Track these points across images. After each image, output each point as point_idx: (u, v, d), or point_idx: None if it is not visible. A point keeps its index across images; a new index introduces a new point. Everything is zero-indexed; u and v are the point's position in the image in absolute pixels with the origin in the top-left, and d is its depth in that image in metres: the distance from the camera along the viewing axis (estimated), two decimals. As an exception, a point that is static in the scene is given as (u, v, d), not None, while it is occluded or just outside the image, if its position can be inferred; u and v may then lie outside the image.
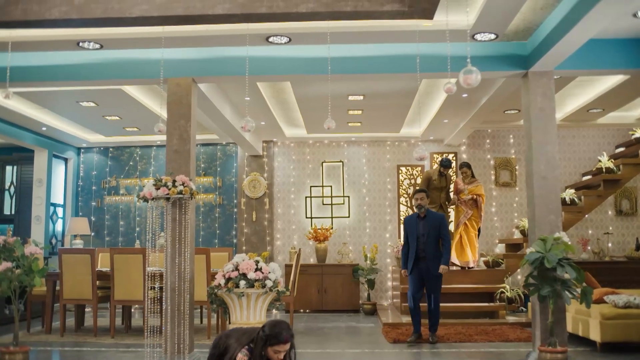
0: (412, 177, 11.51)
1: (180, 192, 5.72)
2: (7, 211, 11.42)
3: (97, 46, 6.30)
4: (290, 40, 6.12)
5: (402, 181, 11.51)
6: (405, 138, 11.45)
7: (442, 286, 9.12)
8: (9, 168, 11.51)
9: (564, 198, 9.93)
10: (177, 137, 6.46)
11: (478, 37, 5.94)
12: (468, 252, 9.45)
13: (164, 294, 6.03)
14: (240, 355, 3.39)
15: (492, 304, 9.08)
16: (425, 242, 7.31)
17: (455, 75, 4.65)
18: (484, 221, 10.61)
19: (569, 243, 5.74)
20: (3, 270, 5.76)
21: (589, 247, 10.58)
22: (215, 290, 5.47)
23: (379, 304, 11.01)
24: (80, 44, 6.22)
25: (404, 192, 11.45)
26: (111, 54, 6.61)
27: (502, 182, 11.28)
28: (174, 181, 5.76)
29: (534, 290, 5.77)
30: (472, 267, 9.48)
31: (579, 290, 5.78)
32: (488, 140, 11.41)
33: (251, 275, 5.33)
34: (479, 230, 9.69)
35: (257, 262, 5.47)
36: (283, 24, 5.76)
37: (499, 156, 11.37)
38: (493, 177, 11.33)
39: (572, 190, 10.24)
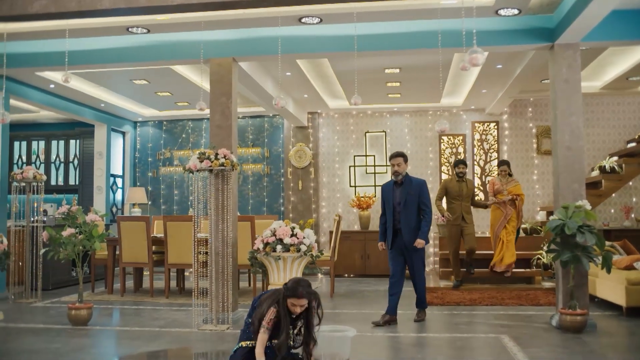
0: (453, 146, 11.69)
1: (222, 165, 6.23)
2: (72, 182, 12.32)
3: (145, 31, 6.84)
4: (321, 20, 6.46)
5: (444, 150, 11.71)
6: (446, 108, 11.59)
7: (480, 252, 9.48)
8: (72, 142, 12.37)
9: (604, 166, 9.94)
10: (220, 114, 6.94)
11: (502, 12, 6.11)
12: (507, 257, 8.97)
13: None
14: (272, 308, 3.95)
15: (528, 270, 9.29)
16: (401, 212, 6.50)
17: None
18: (525, 190, 10.74)
19: (591, 211, 5.95)
20: (68, 236, 6.47)
21: (632, 215, 10.58)
22: (255, 254, 6.01)
23: (420, 270, 11.32)
24: (130, 29, 6.79)
25: (445, 161, 11.66)
26: (157, 38, 7.16)
27: (543, 150, 11.31)
28: (217, 154, 6.26)
29: (555, 256, 6.03)
30: (509, 274, 9.06)
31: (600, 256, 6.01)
32: (530, 109, 11.43)
33: (287, 240, 5.83)
34: (517, 231, 9.15)
35: (292, 228, 5.96)
36: (314, 6, 6.10)
37: (541, 124, 11.38)
38: (535, 146, 11.38)
39: (615, 158, 10.20)
